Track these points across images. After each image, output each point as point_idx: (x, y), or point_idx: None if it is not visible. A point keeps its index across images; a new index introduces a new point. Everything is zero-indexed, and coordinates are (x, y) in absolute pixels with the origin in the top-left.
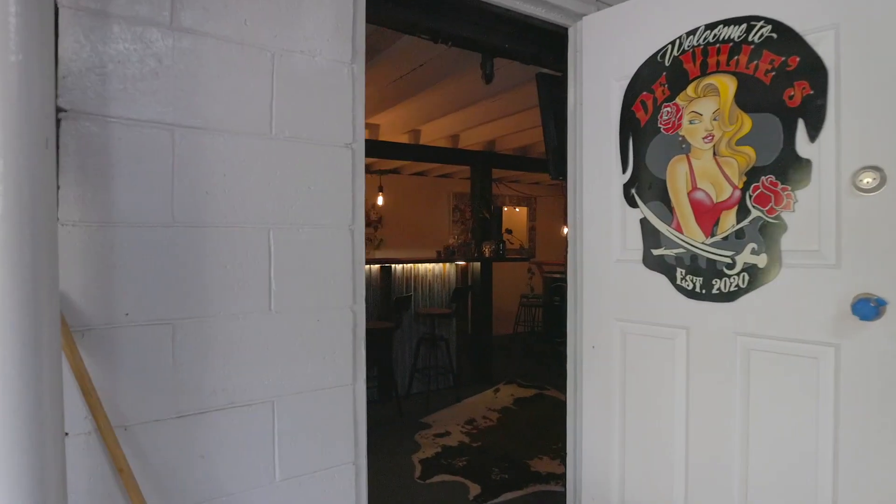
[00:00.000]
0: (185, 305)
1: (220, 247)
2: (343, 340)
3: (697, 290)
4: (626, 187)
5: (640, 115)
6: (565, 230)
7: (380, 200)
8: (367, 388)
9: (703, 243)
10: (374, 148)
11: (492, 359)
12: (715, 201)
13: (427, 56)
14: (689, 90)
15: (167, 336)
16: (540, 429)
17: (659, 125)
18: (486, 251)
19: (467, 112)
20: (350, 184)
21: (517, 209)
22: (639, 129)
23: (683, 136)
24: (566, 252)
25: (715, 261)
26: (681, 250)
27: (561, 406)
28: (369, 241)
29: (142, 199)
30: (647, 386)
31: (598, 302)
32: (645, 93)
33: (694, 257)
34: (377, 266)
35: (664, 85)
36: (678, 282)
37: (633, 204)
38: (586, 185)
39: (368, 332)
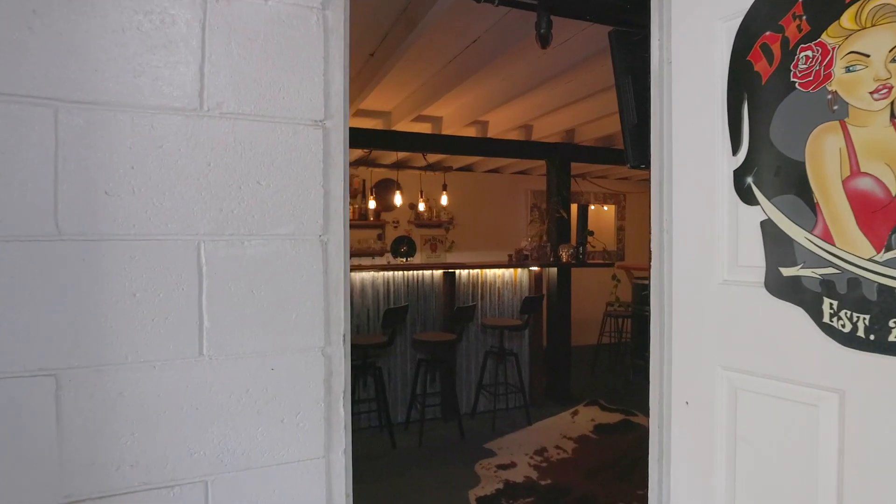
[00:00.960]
0: (77, 350)
1: (128, 267)
2: (311, 396)
3: (861, 333)
4: (739, 175)
5: (761, 66)
6: None
7: (444, 200)
8: (428, 405)
9: (871, 260)
10: (432, 142)
11: (570, 373)
12: (894, 194)
13: (479, 28)
14: (846, 19)
15: (48, 392)
16: (624, 467)
17: (792, 79)
18: (564, 255)
19: (537, 96)
20: (321, 177)
21: (605, 207)
22: (758, 87)
23: (835, 93)
24: (649, 265)
25: (893, 289)
26: (831, 270)
27: None
28: (439, 243)
29: (10, 202)
30: (769, 471)
31: (695, 341)
32: (768, 33)
33: (855, 282)
34: (440, 272)
35: (800, 17)
36: (826, 319)
37: (749, 199)
38: (677, 173)
39: (428, 344)
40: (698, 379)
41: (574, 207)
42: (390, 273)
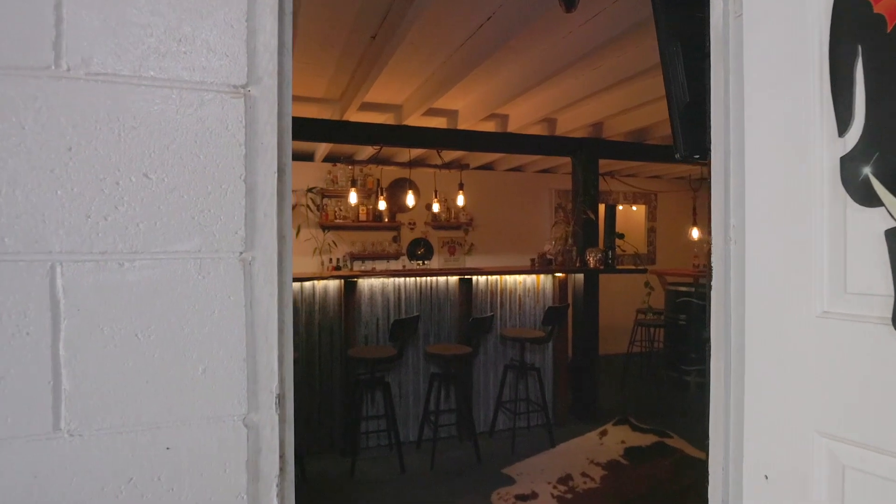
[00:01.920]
0: None
1: None
2: (226, 486)
3: None
4: (850, 164)
5: (885, 5)
6: (695, 232)
7: (460, 200)
8: (442, 424)
9: None
10: (447, 137)
11: (598, 387)
12: None
13: (493, 1)
14: None
15: None
16: (660, 501)
17: None
18: (591, 260)
19: (561, 84)
20: (242, 167)
21: (633, 207)
22: (881, 38)
23: None
24: (708, 287)
25: None
26: None
27: (690, 465)
28: (458, 245)
29: None
30: None
31: (779, 394)
32: None
33: None
34: (455, 278)
35: None
36: None
37: (865, 198)
38: (751, 164)
39: (441, 358)
40: (784, 447)
41: (601, 208)
42: (401, 280)
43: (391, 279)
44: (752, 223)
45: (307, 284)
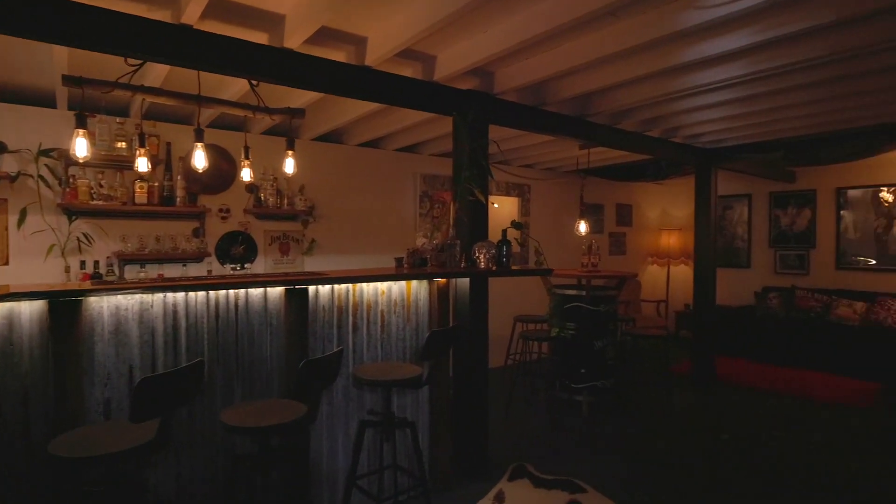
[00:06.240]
0: None
1: None
2: None
3: None
4: None
5: None
6: (581, 226)
7: (288, 167)
8: None
9: None
10: (247, 54)
11: (486, 430)
12: None
13: None
14: None
15: None
16: None
17: None
18: (482, 259)
19: None
20: None
21: (495, 204)
22: None
23: None
24: None
25: None
26: None
27: None
28: (294, 242)
29: None
30: None
31: None
32: None
33: None
34: (278, 290)
35: None
36: None
37: None
38: None
39: (254, 432)
40: None
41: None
42: (181, 296)
43: (158, 296)
44: None
45: None
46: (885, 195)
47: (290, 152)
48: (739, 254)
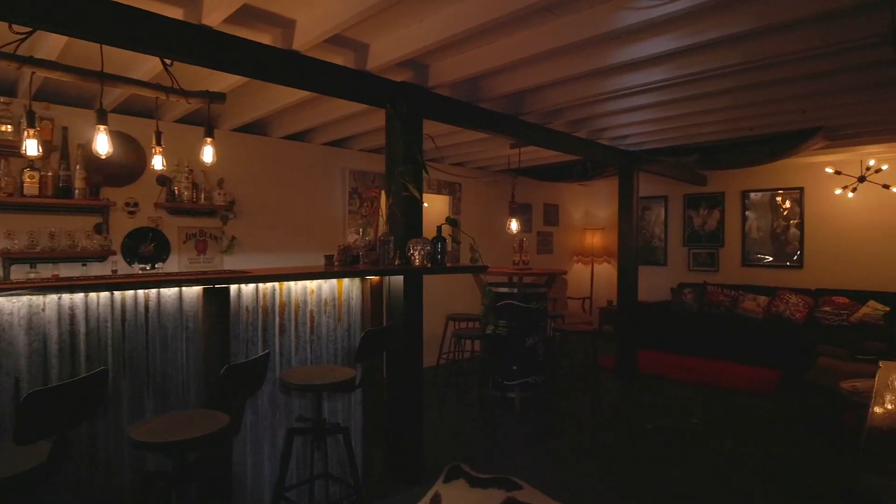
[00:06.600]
0: None
1: None
2: None
3: None
4: None
5: None
6: (513, 224)
7: (206, 156)
8: None
9: None
10: (159, 31)
11: (422, 433)
12: None
13: None
14: None
15: None
16: None
17: None
18: (416, 256)
19: None
20: None
21: (425, 203)
22: None
23: None
24: None
25: None
26: None
27: None
28: (213, 239)
29: None
30: None
31: None
32: None
33: None
34: (196, 290)
35: None
36: None
37: None
38: None
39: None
40: None
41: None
42: (79, 297)
43: (51, 298)
44: None
45: None
46: (779, 199)
47: (208, 140)
48: (657, 252)
